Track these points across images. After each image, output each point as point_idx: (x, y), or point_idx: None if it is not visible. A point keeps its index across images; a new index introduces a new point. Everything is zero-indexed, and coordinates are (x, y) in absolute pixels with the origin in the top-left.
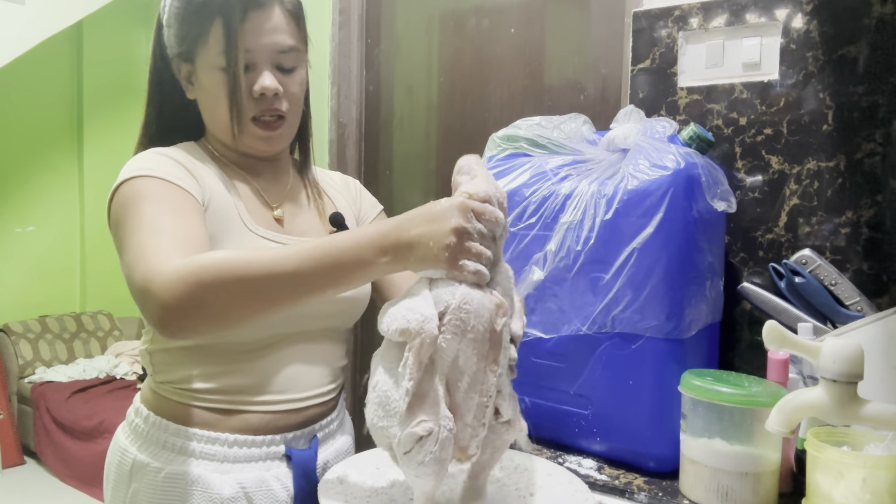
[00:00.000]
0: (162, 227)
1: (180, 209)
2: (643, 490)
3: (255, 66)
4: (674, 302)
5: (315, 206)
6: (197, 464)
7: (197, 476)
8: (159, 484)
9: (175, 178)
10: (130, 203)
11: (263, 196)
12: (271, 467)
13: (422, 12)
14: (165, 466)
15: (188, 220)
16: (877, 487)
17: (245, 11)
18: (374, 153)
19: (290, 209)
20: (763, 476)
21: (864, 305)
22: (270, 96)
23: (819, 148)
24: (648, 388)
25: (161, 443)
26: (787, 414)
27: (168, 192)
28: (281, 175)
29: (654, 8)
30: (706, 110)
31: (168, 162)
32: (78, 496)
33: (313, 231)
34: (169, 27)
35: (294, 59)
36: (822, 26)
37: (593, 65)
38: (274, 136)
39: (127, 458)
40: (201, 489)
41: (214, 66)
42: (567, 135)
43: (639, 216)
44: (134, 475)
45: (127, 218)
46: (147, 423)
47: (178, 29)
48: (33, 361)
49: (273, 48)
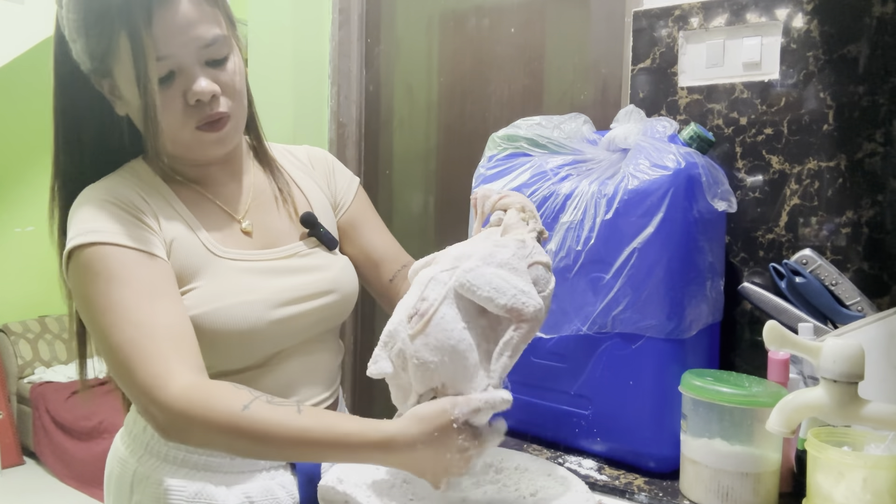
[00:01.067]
0: (144, 322)
1: (153, 288)
2: (643, 490)
3: (181, 70)
4: (674, 302)
5: (284, 207)
6: (200, 476)
7: (200, 488)
8: (161, 496)
9: (132, 240)
10: (92, 283)
11: (225, 210)
12: (276, 476)
13: (422, 12)
14: (167, 479)
15: (165, 304)
16: (877, 488)
17: (149, 13)
18: (374, 153)
19: (257, 217)
20: (763, 476)
21: (865, 305)
22: (208, 100)
23: (819, 148)
24: (649, 388)
25: (162, 455)
26: (787, 414)
27: (131, 265)
28: (240, 175)
29: (655, 7)
30: (706, 110)
31: (118, 215)
32: (77, 496)
33: (287, 237)
34: (74, 42)
35: (222, 47)
36: (823, 26)
37: (593, 65)
38: (223, 136)
39: (128, 469)
40: (205, 500)
41: (134, 81)
42: (567, 135)
43: (639, 216)
44: (135, 487)
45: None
46: (146, 434)
47: (84, 43)
48: (33, 362)
49: (195, 45)
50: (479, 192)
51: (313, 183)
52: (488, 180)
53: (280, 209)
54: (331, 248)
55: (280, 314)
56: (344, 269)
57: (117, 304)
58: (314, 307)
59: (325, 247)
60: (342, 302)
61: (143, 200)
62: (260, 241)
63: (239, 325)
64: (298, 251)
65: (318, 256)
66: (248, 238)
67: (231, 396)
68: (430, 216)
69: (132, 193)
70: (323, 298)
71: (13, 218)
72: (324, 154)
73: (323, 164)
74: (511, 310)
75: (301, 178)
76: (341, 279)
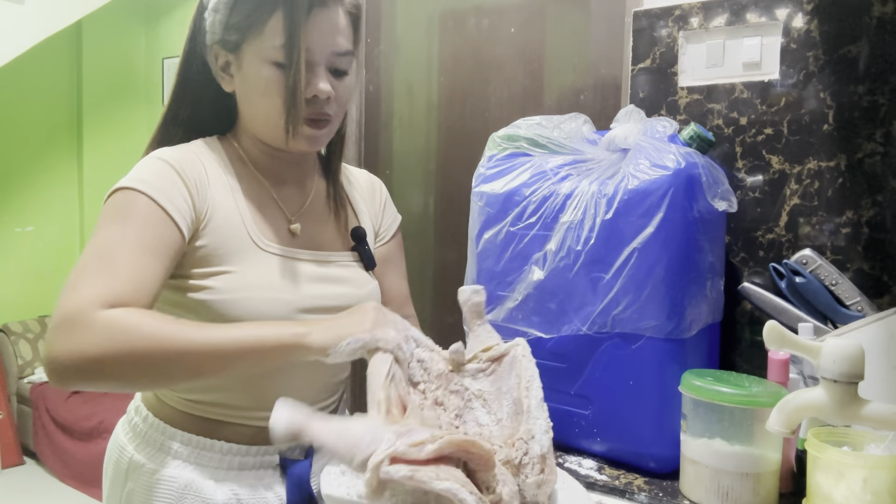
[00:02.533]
0: (117, 259)
1: (148, 246)
2: (643, 490)
3: (310, 66)
4: (674, 302)
5: (335, 219)
6: (191, 469)
7: (190, 480)
8: (153, 485)
9: (165, 200)
10: (109, 215)
11: (281, 206)
12: (264, 476)
13: (422, 12)
14: (160, 468)
15: (147, 260)
16: (877, 488)
17: (310, 7)
18: (374, 153)
19: (308, 221)
20: (763, 476)
21: (865, 305)
22: (323, 99)
23: (820, 148)
24: (649, 388)
25: (158, 445)
26: (787, 414)
27: (151, 219)
28: (305, 181)
29: (655, 7)
30: (706, 110)
31: (170, 176)
32: (77, 496)
33: (331, 245)
34: (216, 12)
35: (348, 62)
36: (823, 26)
37: (593, 65)
38: (318, 136)
39: (124, 456)
40: (194, 493)
41: (267, 60)
42: (567, 134)
43: (639, 216)
44: (130, 474)
45: (99, 229)
46: (146, 424)
47: (226, 15)
48: (33, 361)
49: (331, 50)
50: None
51: (365, 208)
52: (488, 180)
53: (331, 220)
54: (369, 268)
55: (302, 319)
56: (373, 293)
57: (113, 238)
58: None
59: (365, 265)
60: None
61: (202, 171)
62: (303, 243)
63: (262, 318)
64: (339, 260)
65: (355, 271)
66: (292, 237)
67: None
68: (430, 216)
69: (195, 161)
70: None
71: (13, 218)
72: (380, 184)
73: (377, 194)
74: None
75: (356, 199)
76: (367, 300)
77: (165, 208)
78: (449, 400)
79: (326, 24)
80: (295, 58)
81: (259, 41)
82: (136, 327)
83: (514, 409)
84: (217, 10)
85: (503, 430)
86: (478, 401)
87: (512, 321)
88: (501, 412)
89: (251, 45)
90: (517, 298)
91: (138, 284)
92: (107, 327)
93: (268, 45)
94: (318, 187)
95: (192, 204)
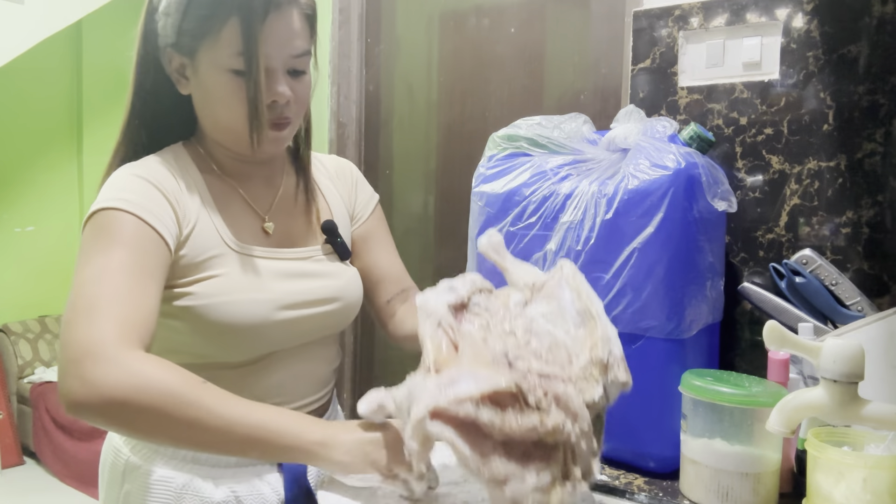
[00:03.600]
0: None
1: (145, 269)
2: (643, 490)
3: (269, 72)
4: (674, 302)
5: (306, 212)
6: (189, 468)
7: (188, 480)
8: (151, 486)
9: (152, 218)
10: (99, 237)
11: (252, 206)
12: (262, 472)
13: (422, 12)
14: (157, 469)
15: (148, 284)
16: (877, 488)
17: (265, 13)
18: (374, 153)
19: (280, 218)
20: (763, 476)
21: (865, 305)
22: (283, 103)
23: (820, 148)
24: (649, 388)
25: (153, 447)
26: (787, 414)
27: (141, 238)
28: (274, 178)
29: (655, 7)
30: (706, 110)
31: (147, 192)
32: (77, 496)
33: (304, 240)
34: (167, 15)
35: (306, 62)
36: (823, 26)
37: (593, 65)
38: (281, 138)
39: (120, 458)
40: (192, 493)
41: (223, 67)
42: (567, 134)
43: (639, 216)
44: (126, 476)
45: (93, 253)
46: None
47: (178, 20)
48: (33, 361)
49: (288, 53)
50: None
51: (336, 192)
52: (488, 180)
53: (303, 213)
54: (343, 259)
55: (284, 316)
56: (351, 280)
57: (111, 262)
58: (317, 313)
59: (339, 256)
60: (344, 310)
61: (176, 184)
62: (277, 241)
63: (243, 320)
64: (313, 255)
65: (330, 264)
66: (266, 236)
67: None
68: (430, 216)
69: (167, 175)
70: (327, 306)
71: (13, 218)
72: (350, 166)
73: (348, 175)
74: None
75: (326, 185)
76: (347, 289)
77: (154, 226)
78: (516, 324)
79: (283, 28)
80: (254, 66)
81: (215, 48)
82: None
83: (580, 320)
84: (168, 14)
85: (576, 341)
86: (542, 319)
87: None
88: (568, 325)
89: (206, 52)
90: None
91: (146, 312)
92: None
93: (224, 53)
94: (287, 182)
95: (175, 218)
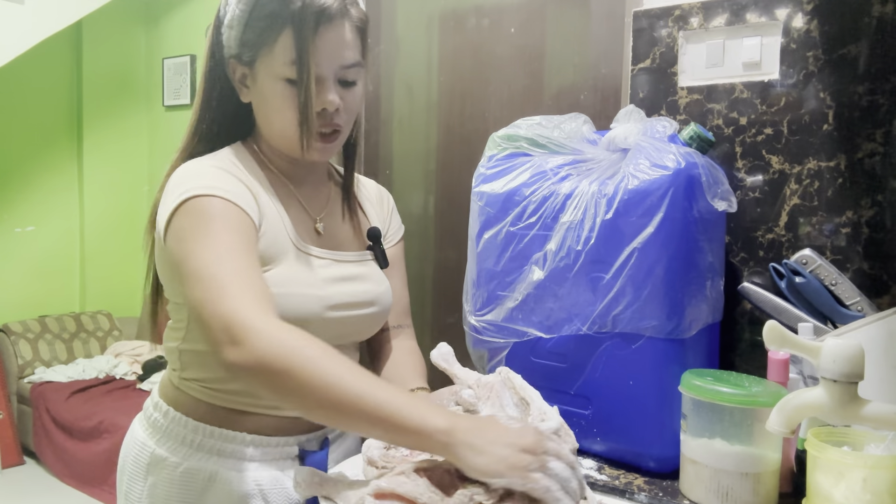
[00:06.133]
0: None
1: (250, 248)
2: (643, 490)
3: (319, 80)
4: (674, 302)
5: (351, 220)
6: (215, 461)
7: (214, 472)
8: (177, 478)
9: (241, 202)
10: (200, 223)
11: (305, 207)
12: (285, 467)
13: (422, 12)
14: (184, 461)
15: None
16: (877, 488)
17: (317, 25)
18: (374, 153)
19: (328, 221)
20: (763, 476)
21: (865, 305)
22: (332, 111)
23: (819, 148)
24: (649, 388)
25: (180, 438)
26: (787, 414)
27: (237, 220)
28: (320, 184)
29: (655, 7)
30: (706, 110)
31: (230, 180)
32: (77, 496)
33: (349, 245)
34: (231, 28)
35: (356, 73)
36: (823, 26)
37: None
38: (330, 147)
39: (145, 451)
40: (219, 485)
41: (278, 76)
42: (567, 134)
43: (639, 216)
44: (152, 469)
45: (199, 238)
46: (167, 419)
47: (240, 32)
48: (33, 361)
49: (339, 63)
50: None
51: (375, 213)
52: (488, 180)
53: (347, 222)
54: (382, 267)
55: (331, 315)
56: (388, 290)
57: (221, 245)
58: (359, 315)
59: (379, 264)
60: (379, 315)
61: (247, 177)
62: (328, 242)
63: (295, 313)
64: (357, 259)
65: (372, 269)
66: (318, 236)
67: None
68: (430, 216)
69: (238, 169)
70: (367, 309)
71: (13, 218)
72: (387, 194)
73: (385, 201)
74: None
75: (367, 205)
76: (385, 295)
77: (246, 210)
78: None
79: (334, 39)
80: (305, 74)
81: (270, 58)
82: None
83: (520, 411)
84: (231, 27)
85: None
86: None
87: (512, 321)
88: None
89: (263, 62)
90: (517, 298)
91: (265, 286)
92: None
93: (279, 62)
94: (334, 190)
95: (256, 205)
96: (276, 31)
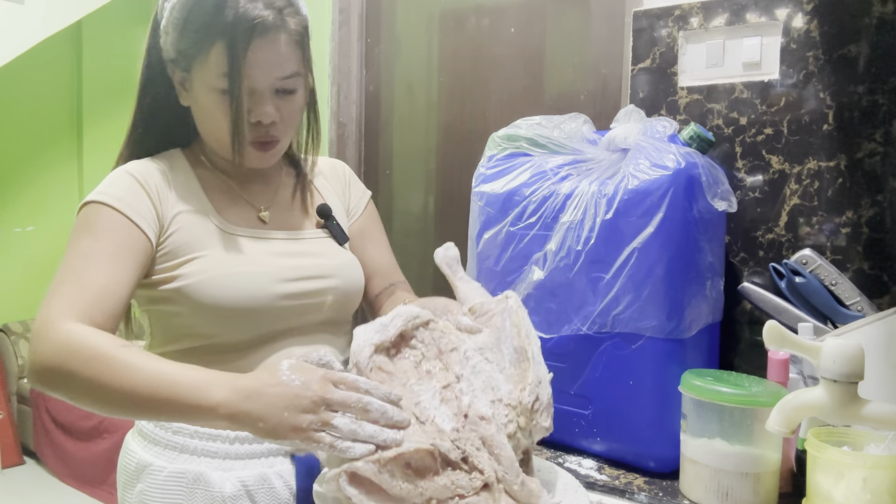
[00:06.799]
0: (86, 272)
1: (111, 254)
2: (643, 490)
3: (254, 93)
4: (674, 302)
5: (302, 204)
6: (199, 462)
7: (198, 474)
8: (162, 483)
9: (131, 212)
10: (79, 229)
11: (248, 201)
12: (274, 464)
13: (422, 12)
14: (168, 465)
15: (115, 267)
16: (877, 487)
17: (250, 39)
18: (374, 153)
19: (277, 210)
20: (763, 476)
21: (865, 305)
22: (267, 123)
23: (819, 148)
24: (649, 388)
25: (164, 442)
26: (787, 414)
27: (115, 227)
28: (270, 177)
29: (655, 7)
30: (706, 110)
31: (132, 186)
32: (77, 496)
33: (300, 227)
34: (167, 34)
35: (294, 82)
36: (823, 26)
37: (593, 65)
38: (266, 156)
39: (132, 458)
40: (203, 488)
41: (213, 87)
42: (567, 134)
43: (639, 216)
44: (139, 475)
45: (71, 243)
46: (150, 423)
47: (176, 38)
48: None
49: (275, 76)
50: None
51: (332, 190)
52: (488, 180)
53: (298, 206)
54: (340, 243)
55: (283, 289)
56: (348, 262)
57: (82, 251)
58: (316, 287)
59: (336, 240)
60: (344, 289)
61: (165, 184)
62: (274, 227)
63: (242, 294)
64: (309, 237)
65: (326, 245)
66: (262, 223)
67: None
68: (430, 216)
69: (157, 174)
70: (325, 280)
71: (13, 218)
72: (342, 165)
73: (340, 174)
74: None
75: (322, 184)
76: (344, 268)
77: (129, 216)
78: (449, 358)
79: (269, 52)
80: (237, 87)
81: (204, 68)
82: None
83: (516, 357)
84: (168, 32)
85: (509, 379)
86: (477, 353)
87: None
88: (504, 361)
89: (198, 71)
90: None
91: (106, 292)
92: (62, 342)
93: (212, 74)
94: (285, 181)
95: (154, 210)
96: (208, 43)
